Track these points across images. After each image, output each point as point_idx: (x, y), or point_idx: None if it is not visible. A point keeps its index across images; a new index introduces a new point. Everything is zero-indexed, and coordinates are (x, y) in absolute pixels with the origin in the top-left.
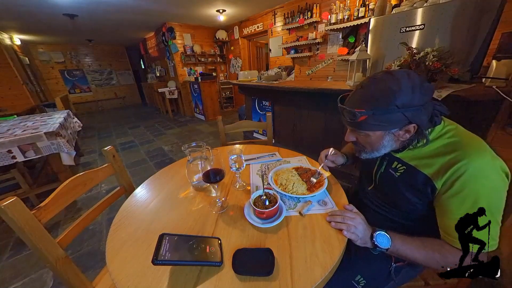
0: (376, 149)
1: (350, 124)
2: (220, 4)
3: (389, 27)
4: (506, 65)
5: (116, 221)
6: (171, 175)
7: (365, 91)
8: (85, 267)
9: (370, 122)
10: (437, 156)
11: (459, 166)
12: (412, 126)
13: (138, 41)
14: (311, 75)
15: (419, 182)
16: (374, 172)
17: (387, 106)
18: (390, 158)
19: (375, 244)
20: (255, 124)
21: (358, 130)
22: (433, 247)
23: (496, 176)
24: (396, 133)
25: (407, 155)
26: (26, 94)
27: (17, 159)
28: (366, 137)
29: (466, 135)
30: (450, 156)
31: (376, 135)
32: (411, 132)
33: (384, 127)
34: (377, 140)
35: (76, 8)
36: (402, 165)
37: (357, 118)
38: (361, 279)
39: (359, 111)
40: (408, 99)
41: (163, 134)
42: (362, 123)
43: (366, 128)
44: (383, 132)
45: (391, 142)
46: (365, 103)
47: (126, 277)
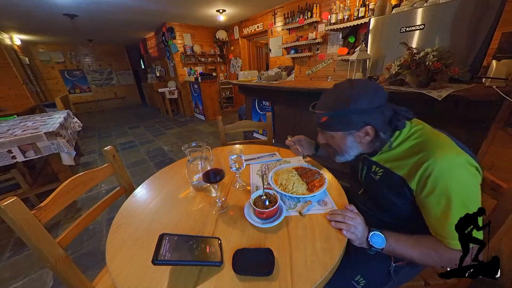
0: (345, 151)
1: (317, 125)
2: (220, 4)
3: (389, 27)
4: (506, 65)
5: (116, 221)
6: (171, 175)
7: (327, 96)
8: (85, 267)
9: (331, 123)
10: (407, 158)
11: (426, 166)
12: (369, 128)
13: (138, 41)
14: (311, 75)
15: (396, 184)
16: (360, 177)
17: (343, 108)
18: (368, 162)
19: (370, 244)
20: (255, 124)
21: (323, 131)
22: (428, 244)
23: (463, 171)
24: (355, 134)
25: (381, 158)
26: (26, 94)
27: (17, 159)
28: (332, 138)
29: (432, 134)
30: (418, 156)
31: (339, 136)
32: (371, 134)
33: (343, 128)
34: (341, 141)
35: (76, 8)
36: (380, 168)
37: (320, 119)
38: (361, 279)
39: (320, 113)
40: (362, 103)
41: (163, 134)
42: (325, 124)
43: (329, 129)
44: (344, 133)
45: (356, 144)
46: (326, 106)
47: (126, 277)
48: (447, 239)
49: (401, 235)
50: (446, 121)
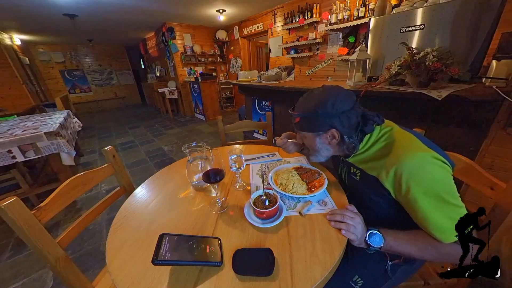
0: (316, 151)
1: (294, 125)
2: (220, 4)
3: (389, 27)
4: (506, 65)
5: (116, 221)
6: (171, 175)
7: (303, 99)
8: (85, 267)
9: (303, 124)
10: (377, 159)
11: (395, 169)
12: (334, 131)
13: (138, 41)
14: (311, 75)
15: (373, 184)
16: (344, 178)
17: (312, 111)
18: (346, 164)
19: (368, 244)
20: (255, 124)
21: (297, 130)
22: (425, 240)
23: (431, 167)
24: (323, 136)
25: (356, 160)
26: (26, 94)
27: (17, 159)
28: (305, 139)
29: (399, 135)
30: (386, 158)
31: (309, 137)
32: (337, 137)
33: (312, 130)
34: (311, 142)
35: (76, 8)
36: (357, 169)
37: (294, 120)
38: (359, 279)
39: (294, 114)
40: (328, 108)
41: (163, 134)
42: (298, 125)
43: (301, 129)
44: (313, 134)
45: (325, 146)
46: (299, 108)
47: (126, 277)
48: (435, 234)
49: (398, 232)
50: (446, 121)
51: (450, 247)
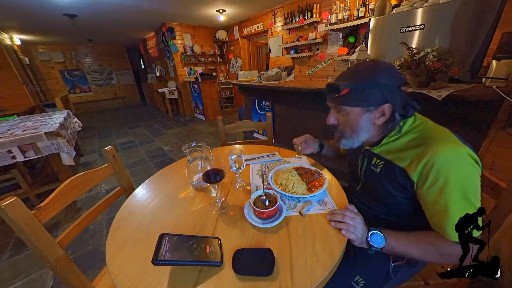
0: (355, 132)
1: (333, 100)
2: (220, 4)
3: (389, 27)
4: (506, 65)
5: (116, 221)
6: (171, 175)
7: (350, 71)
8: (85, 267)
9: (352, 96)
10: (409, 149)
11: (428, 158)
12: (387, 106)
13: (138, 41)
14: (311, 75)
15: (398, 176)
16: (359, 171)
17: (368, 80)
18: (369, 155)
19: (369, 244)
20: (255, 124)
21: (340, 105)
22: (427, 240)
23: (464, 163)
24: (372, 112)
25: (383, 150)
26: (26, 94)
27: (17, 159)
28: (345, 116)
29: (434, 128)
30: (420, 149)
31: (355, 113)
32: (386, 115)
33: (363, 103)
34: (355, 119)
35: (76, 8)
36: (381, 160)
37: (340, 91)
38: (360, 279)
39: (343, 83)
40: (386, 79)
41: (163, 134)
42: (344, 97)
43: (347, 103)
44: (361, 109)
45: (368, 125)
46: (349, 77)
47: (126, 277)
48: (447, 231)
49: (400, 233)
50: (446, 121)
51: (452, 248)
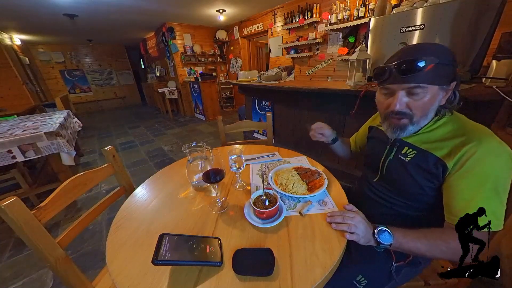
0: (425, 115)
1: (410, 79)
2: (220, 4)
3: (389, 27)
4: (506, 65)
5: (116, 221)
6: (171, 175)
7: (422, 47)
8: (85, 267)
9: (434, 72)
10: (448, 139)
11: (470, 146)
12: (454, 84)
13: (138, 41)
14: (311, 75)
15: (431, 164)
16: (382, 161)
17: (447, 56)
18: (400, 144)
19: (378, 241)
20: (255, 124)
21: (421, 84)
22: (434, 235)
23: (505, 157)
24: (445, 91)
25: (418, 139)
26: (26, 94)
27: (17, 159)
28: (421, 97)
29: (474, 122)
30: (461, 138)
31: (433, 92)
32: (449, 93)
33: (441, 81)
34: (431, 100)
35: (76, 8)
36: (413, 149)
37: (425, 67)
38: (362, 279)
39: (429, 58)
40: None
41: (163, 134)
42: (426, 74)
43: (429, 81)
44: (439, 88)
45: (437, 105)
46: (431, 52)
47: (126, 277)
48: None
49: (407, 229)
50: None
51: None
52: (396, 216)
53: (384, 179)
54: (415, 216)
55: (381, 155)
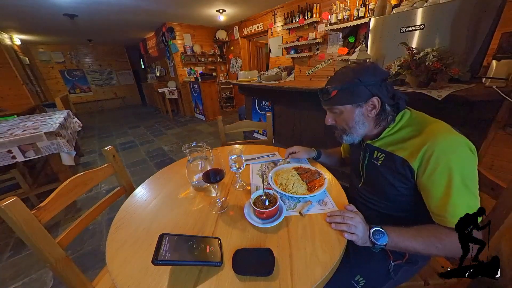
0: (352, 128)
1: (326, 103)
2: (220, 4)
3: (389, 27)
4: (506, 65)
5: (116, 221)
6: (171, 175)
7: (336, 75)
8: (85, 267)
9: (341, 96)
10: (408, 140)
11: (428, 146)
12: (375, 99)
13: (138, 41)
14: (311, 75)
15: (398, 165)
16: (361, 166)
17: (352, 80)
18: (370, 149)
19: (373, 242)
20: (255, 124)
21: (333, 106)
22: (428, 232)
23: (462, 149)
24: (363, 107)
25: (384, 143)
26: (26, 94)
27: (17, 159)
28: (340, 115)
29: (432, 120)
30: (419, 138)
31: (348, 110)
32: (377, 107)
33: (352, 100)
34: (349, 116)
35: (76, 8)
36: (382, 153)
37: (330, 94)
38: (361, 278)
39: (331, 87)
40: (367, 76)
41: (163, 134)
42: (334, 99)
43: (338, 103)
44: (352, 106)
45: (362, 119)
46: (335, 81)
47: (126, 277)
48: (448, 218)
49: (401, 228)
50: (446, 121)
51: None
52: (383, 217)
53: (366, 183)
54: (401, 217)
55: (359, 160)
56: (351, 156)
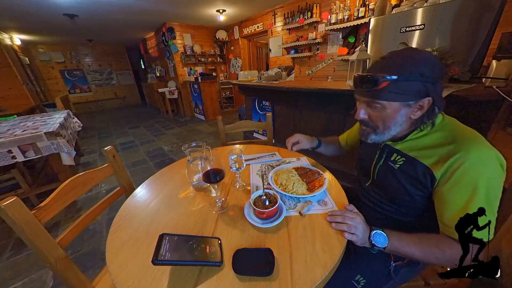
0: (388, 127)
1: (368, 94)
2: (220, 4)
3: (389, 27)
4: (506, 65)
5: (116, 221)
6: (171, 175)
7: (387, 60)
8: (85, 267)
9: (391, 89)
10: (437, 147)
11: (459, 156)
12: (427, 100)
13: (138, 41)
14: (311, 75)
15: (419, 173)
16: (373, 166)
17: (410, 72)
18: (389, 150)
19: (372, 244)
20: (255, 124)
21: (376, 100)
22: (430, 242)
23: (494, 165)
24: (411, 107)
25: (406, 146)
26: (26, 94)
27: (17, 159)
28: (381, 111)
29: (464, 128)
30: (450, 147)
31: (393, 108)
32: (424, 109)
33: (403, 97)
34: (392, 114)
35: (76, 8)
36: (402, 156)
37: (378, 85)
38: (361, 278)
39: (382, 76)
40: (429, 70)
41: (163, 134)
42: (382, 91)
43: (385, 98)
44: (400, 104)
45: (404, 120)
46: (388, 68)
47: (126, 277)
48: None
49: (403, 234)
50: None
51: (457, 249)
52: (387, 220)
53: (375, 184)
54: (405, 222)
55: (372, 160)
56: (361, 152)
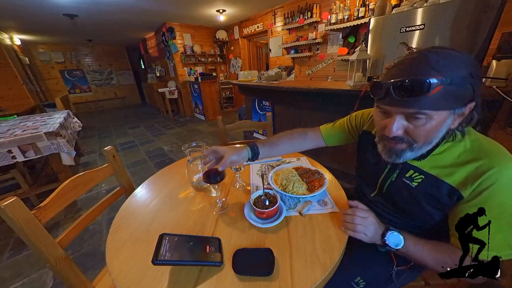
0: (429, 142)
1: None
2: (220, 4)
3: (389, 27)
4: (506, 65)
5: (116, 221)
6: (171, 175)
7: (428, 60)
8: (85, 267)
9: (440, 95)
10: (462, 164)
11: (490, 174)
12: (469, 107)
13: (138, 41)
14: (311, 75)
15: (443, 193)
16: (381, 180)
17: (461, 73)
18: (404, 167)
19: (385, 243)
20: (255, 124)
21: (423, 110)
22: (444, 252)
23: None
24: (457, 114)
25: (426, 163)
26: (26, 94)
27: (17, 159)
28: (425, 124)
29: (489, 141)
30: (478, 163)
31: (441, 118)
32: (465, 115)
33: (452, 105)
34: (437, 126)
35: (76, 8)
36: (420, 174)
37: (430, 90)
38: (361, 280)
39: (431, 79)
40: (475, 70)
41: (163, 134)
42: (431, 99)
43: (433, 106)
44: (449, 112)
45: (444, 130)
46: (441, 68)
47: (126, 277)
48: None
49: (419, 239)
50: None
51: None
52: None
53: (383, 196)
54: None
55: (380, 173)
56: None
